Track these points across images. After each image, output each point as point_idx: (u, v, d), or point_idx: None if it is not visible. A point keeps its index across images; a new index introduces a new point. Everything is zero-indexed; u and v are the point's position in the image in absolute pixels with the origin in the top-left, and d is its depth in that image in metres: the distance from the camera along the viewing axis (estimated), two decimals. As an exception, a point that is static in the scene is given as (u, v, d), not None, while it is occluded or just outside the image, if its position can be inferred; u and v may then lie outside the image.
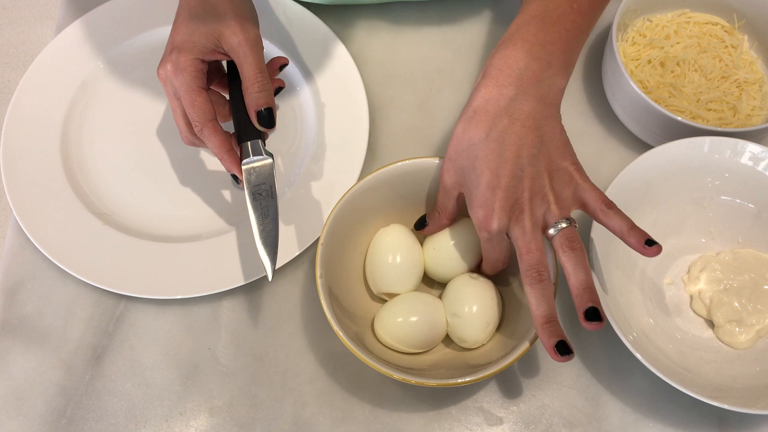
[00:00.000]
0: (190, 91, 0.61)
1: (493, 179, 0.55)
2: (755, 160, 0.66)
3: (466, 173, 0.57)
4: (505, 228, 0.56)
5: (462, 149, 0.57)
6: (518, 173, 0.55)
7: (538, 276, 0.55)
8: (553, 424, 0.63)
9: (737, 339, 0.65)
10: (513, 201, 0.55)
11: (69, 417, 0.63)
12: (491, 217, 0.55)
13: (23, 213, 0.69)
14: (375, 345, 0.62)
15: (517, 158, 0.55)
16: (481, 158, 0.55)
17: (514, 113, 0.56)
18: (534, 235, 0.56)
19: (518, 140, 0.55)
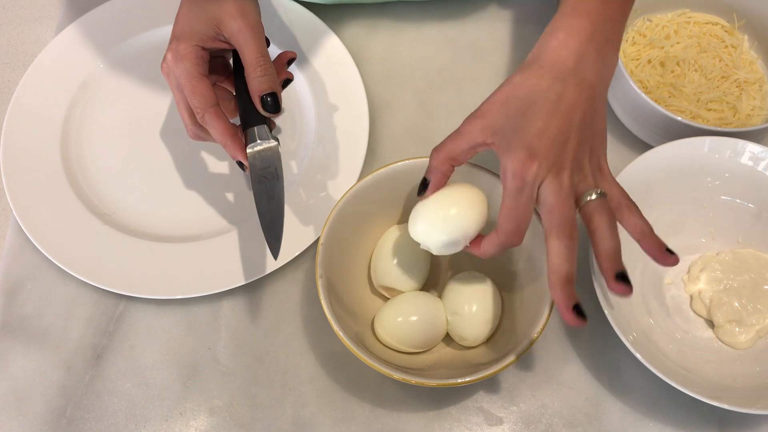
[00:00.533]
0: (190, 78, 0.60)
1: (544, 127, 0.52)
2: (755, 160, 0.66)
3: (509, 118, 0.53)
4: (541, 179, 0.52)
5: (517, 95, 0.54)
6: (567, 133, 0.53)
7: (570, 233, 0.52)
8: (553, 424, 0.63)
9: (737, 339, 0.65)
10: (556, 155, 0.52)
11: (69, 417, 0.63)
12: (532, 160, 0.51)
13: (23, 213, 0.69)
14: (375, 345, 0.62)
15: (571, 120, 0.53)
16: (538, 105, 0.53)
17: (578, 78, 0.54)
18: (570, 194, 0.53)
19: (576, 105, 0.53)
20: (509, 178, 0.52)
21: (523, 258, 0.63)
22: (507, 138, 0.53)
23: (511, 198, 0.52)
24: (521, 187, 0.52)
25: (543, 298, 0.58)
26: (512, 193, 0.52)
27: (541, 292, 0.59)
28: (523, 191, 0.52)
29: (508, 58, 0.80)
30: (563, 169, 0.53)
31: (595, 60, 0.55)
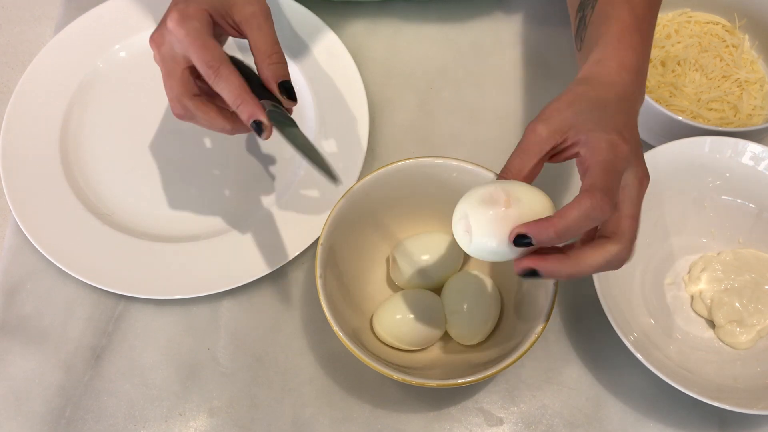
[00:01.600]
0: (200, 35, 0.55)
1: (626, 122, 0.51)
2: (756, 159, 0.66)
3: (581, 114, 0.50)
4: (627, 164, 0.49)
5: (585, 98, 0.51)
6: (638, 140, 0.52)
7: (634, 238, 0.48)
8: (554, 425, 0.63)
9: (738, 339, 0.64)
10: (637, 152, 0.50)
11: (68, 417, 0.63)
12: (625, 143, 0.48)
13: (22, 213, 0.68)
14: (374, 343, 0.62)
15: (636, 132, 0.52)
16: (612, 108, 0.51)
17: (632, 105, 0.54)
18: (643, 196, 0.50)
19: (635, 124, 0.53)
20: (599, 150, 0.48)
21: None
22: (587, 128, 0.49)
23: (607, 162, 0.47)
24: (616, 156, 0.48)
25: (544, 298, 0.58)
26: (607, 158, 0.48)
27: (541, 292, 0.59)
28: (618, 160, 0.48)
29: (508, 58, 0.79)
30: (645, 169, 0.50)
31: (640, 92, 0.55)
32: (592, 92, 0.52)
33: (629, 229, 0.48)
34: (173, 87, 0.57)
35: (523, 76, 0.78)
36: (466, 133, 0.75)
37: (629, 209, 0.48)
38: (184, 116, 0.58)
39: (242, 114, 0.55)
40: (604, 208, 0.45)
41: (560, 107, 0.51)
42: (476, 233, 0.47)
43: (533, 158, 0.50)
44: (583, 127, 0.49)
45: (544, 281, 0.58)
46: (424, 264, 0.64)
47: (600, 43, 0.56)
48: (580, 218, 0.45)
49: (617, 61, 0.54)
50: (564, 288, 0.68)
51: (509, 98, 0.77)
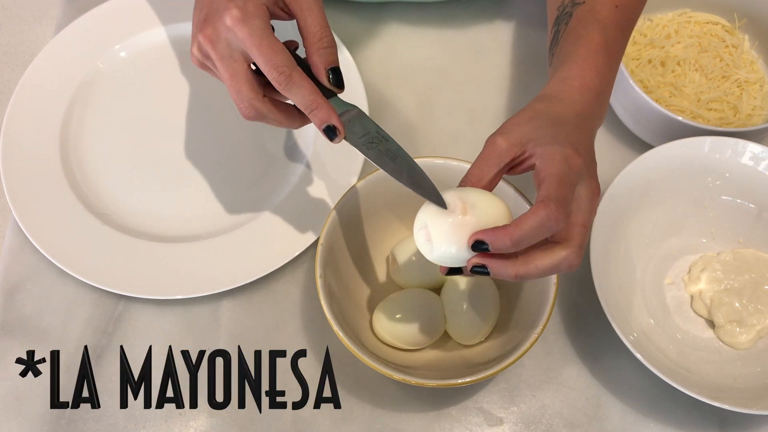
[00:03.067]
0: (265, 36, 0.52)
1: (581, 139, 0.52)
2: (756, 159, 0.66)
3: (540, 129, 0.51)
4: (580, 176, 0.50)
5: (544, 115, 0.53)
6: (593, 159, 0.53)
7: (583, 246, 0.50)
8: (554, 425, 0.63)
9: (738, 339, 0.64)
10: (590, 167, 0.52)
11: (68, 417, 0.63)
12: (579, 156, 0.50)
13: (22, 213, 0.68)
14: (374, 343, 0.62)
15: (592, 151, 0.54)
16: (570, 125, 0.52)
17: (588, 124, 0.55)
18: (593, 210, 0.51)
19: (591, 143, 0.54)
20: (554, 161, 0.49)
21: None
22: (545, 141, 0.51)
23: (560, 174, 0.49)
24: (569, 168, 0.49)
25: (543, 298, 0.58)
26: (562, 170, 0.49)
27: (541, 292, 0.59)
28: (571, 173, 0.49)
29: (508, 58, 0.79)
30: (597, 185, 0.52)
31: (598, 115, 0.57)
32: (552, 109, 0.54)
33: (579, 236, 0.49)
34: (241, 89, 0.54)
35: (521, 77, 0.78)
36: (466, 133, 0.75)
37: (580, 218, 0.50)
38: (255, 118, 0.55)
39: (315, 118, 0.54)
40: (558, 217, 0.47)
41: (520, 121, 0.53)
42: (436, 241, 0.49)
43: (493, 169, 0.51)
44: (540, 141, 0.51)
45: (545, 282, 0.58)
46: (424, 264, 0.64)
47: (567, 61, 0.57)
48: (535, 227, 0.47)
49: (580, 81, 0.56)
50: (564, 288, 0.68)
51: (508, 98, 0.77)
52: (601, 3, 0.60)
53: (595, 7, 0.60)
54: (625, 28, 0.61)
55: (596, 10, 0.60)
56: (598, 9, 0.60)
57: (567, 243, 0.49)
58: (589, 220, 0.50)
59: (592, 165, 0.52)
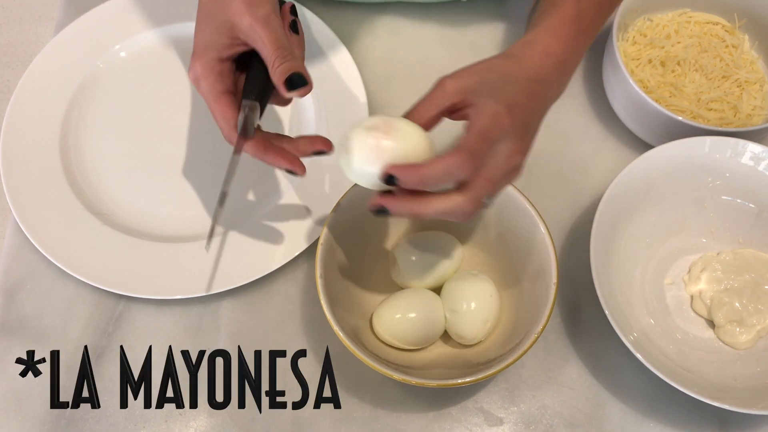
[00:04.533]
0: (208, 99, 0.57)
1: (522, 103, 0.53)
2: (756, 159, 0.66)
3: (486, 84, 0.53)
4: (503, 138, 0.51)
5: (497, 71, 0.54)
6: (532, 124, 0.55)
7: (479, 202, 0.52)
8: (554, 425, 0.63)
9: (738, 339, 0.64)
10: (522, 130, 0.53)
11: (69, 417, 0.63)
12: (509, 116, 0.51)
13: (22, 213, 0.68)
14: (374, 343, 0.62)
15: (534, 117, 0.55)
16: (517, 86, 0.54)
17: (544, 89, 0.56)
18: (512, 172, 0.53)
19: (539, 109, 0.56)
20: (482, 115, 0.51)
21: (524, 258, 0.63)
22: (485, 95, 0.52)
23: (483, 128, 0.51)
24: (495, 125, 0.51)
25: (543, 298, 0.58)
26: (485, 124, 0.51)
27: (541, 292, 0.59)
28: (494, 129, 0.51)
29: (508, 57, 0.79)
30: (521, 148, 0.53)
31: (556, 86, 0.58)
32: (507, 67, 0.55)
33: (479, 188, 0.51)
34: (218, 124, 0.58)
35: (523, 76, 0.78)
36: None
37: (489, 172, 0.51)
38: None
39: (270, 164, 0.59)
40: (465, 167, 0.50)
41: (472, 71, 0.54)
42: (355, 157, 0.51)
43: (434, 109, 0.54)
44: (481, 93, 0.52)
45: (545, 282, 0.58)
46: (424, 264, 0.64)
47: (536, 27, 0.59)
48: (442, 171, 0.50)
49: (543, 46, 0.57)
50: (564, 288, 0.68)
51: (509, 98, 0.77)
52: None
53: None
54: (601, 4, 0.62)
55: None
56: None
57: (465, 191, 0.51)
58: (497, 176, 0.52)
59: (525, 128, 0.54)
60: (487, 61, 0.56)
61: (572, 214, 0.72)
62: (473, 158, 0.50)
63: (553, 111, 0.76)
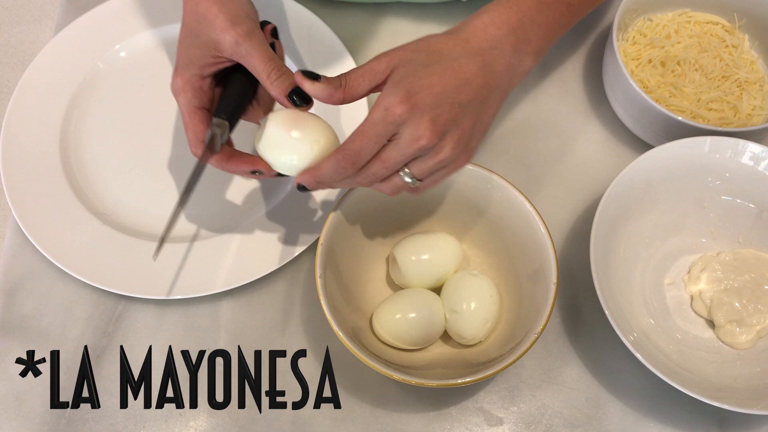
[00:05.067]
0: (184, 115, 0.60)
1: (434, 84, 0.53)
2: (756, 159, 0.66)
3: (411, 63, 0.54)
4: (403, 122, 0.53)
5: (428, 49, 0.55)
6: (450, 103, 0.54)
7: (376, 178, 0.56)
8: (554, 425, 0.63)
9: (738, 339, 0.64)
10: (430, 113, 0.53)
11: (69, 417, 0.63)
12: (405, 104, 0.52)
13: (22, 213, 0.68)
14: (374, 343, 0.62)
15: (459, 93, 0.54)
16: (441, 65, 0.54)
17: (485, 62, 0.56)
18: (412, 153, 0.54)
19: (470, 83, 0.55)
20: (377, 108, 0.53)
21: (524, 258, 0.63)
22: (400, 76, 0.54)
23: (369, 123, 0.53)
24: (383, 120, 0.53)
25: (543, 298, 0.58)
26: (373, 119, 0.53)
27: (541, 292, 0.59)
28: (381, 123, 0.53)
29: (508, 57, 0.79)
30: (426, 131, 0.53)
31: (510, 54, 0.57)
32: (440, 44, 0.56)
33: (373, 165, 0.54)
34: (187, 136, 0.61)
35: (522, 76, 0.78)
36: (466, 133, 0.75)
37: (385, 154, 0.54)
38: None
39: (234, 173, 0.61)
40: (345, 166, 0.54)
41: (406, 49, 0.55)
42: (263, 146, 0.57)
43: (367, 85, 0.55)
44: (396, 76, 0.54)
45: (545, 282, 0.58)
46: (424, 264, 0.64)
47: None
48: (330, 172, 0.55)
49: (491, 15, 0.57)
50: (564, 288, 0.68)
51: (509, 98, 0.77)
52: None
53: None
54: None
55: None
56: None
57: (360, 171, 0.55)
58: (394, 158, 0.54)
59: (434, 109, 0.53)
60: (425, 38, 0.56)
61: (572, 214, 0.72)
62: (349, 156, 0.54)
63: (553, 111, 0.77)
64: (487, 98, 0.56)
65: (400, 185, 0.56)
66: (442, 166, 0.55)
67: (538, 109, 0.77)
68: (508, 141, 0.75)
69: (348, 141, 0.54)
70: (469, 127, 0.55)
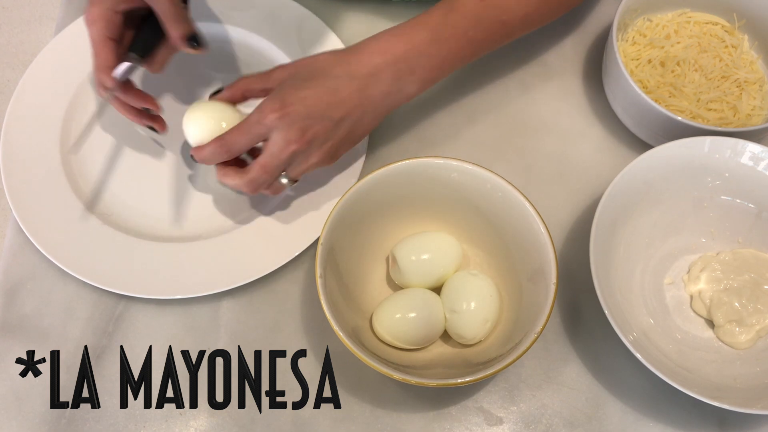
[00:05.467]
0: (95, 43, 0.63)
1: (309, 97, 0.60)
2: (755, 159, 0.66)
3: (297, 77, 0.62)
4: (273, 128, 0.60)
5: (315, 66, 0.63)
6: (320, 118, 0.61)
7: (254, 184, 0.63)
8: (554, 425, 0.63)
9: (737, 339, 0.64)
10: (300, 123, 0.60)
11: (69, 417, 0.63)
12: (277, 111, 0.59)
13: (23, 213, 0.69)
14: (374, 342, 0.62)
15: (331, 110, 0.61)
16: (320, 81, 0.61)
17: (361, 86, 0.62)
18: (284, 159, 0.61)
19: (344, 104, 0.61)
20: (256, 110, 0.61)
21: (524, 258, 0.63)
22: (282, 87, 0.62)
23: (246, 122, 0.61)
24: (257, 122, 0.60)
25: (543, 298, 0.58)
26: (250, 120, 0.61)
27: (541, 292, 0.59)
28: (256, 126, 0.61)
29: (507, 58, 0.79)
30: (296, 139, 0.60)
31: (389, 82, 0.63)
32: (327, 62, 0.63)
33: (252, 171, 0.62)
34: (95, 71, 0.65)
35: (522, 76, 0.79)
36: (465, 133, 0.76)
37: (262, 159, 0.61)
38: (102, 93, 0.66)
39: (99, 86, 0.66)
40: (222, 153, 0.62)
41: (298, 64, 0.64)
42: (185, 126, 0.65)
43: (259, 87, 0.64)
44: (281, 86, 0.62)
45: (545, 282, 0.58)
46: (424, 263, 0.64)
47: (393, 28, 0.64)
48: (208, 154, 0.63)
49: (380, 43, 0.63)
50: (564, 288, 0.68)
51: (509, 98, 0.77)
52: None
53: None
54: (480, 18, 0.65)
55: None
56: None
57: (241, 174, 0.63)
58: (270, 162, 0.61)
59: (307, 120, 0.60)
60: (315, 56, 0.64)
61: (572, 214, 0.72)
62: (224, 144, 0.62)
63: (553, 111, 0.77)
64: (361, 118, 0.63)
65: (277, 186, 0.64)
66: (312, 168, 0.63)
67: (538, 109, 0.77)
68: (508, 141, 0.75)
69: (227, 132, 0.62)
70: (340, 139, 0.63)
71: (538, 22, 0.70)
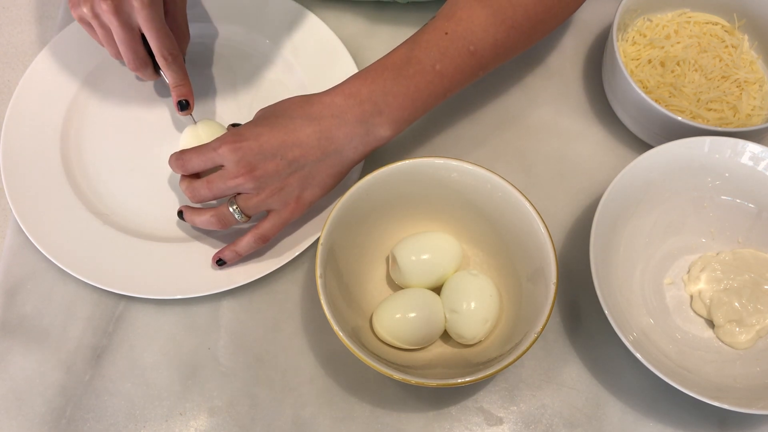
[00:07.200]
0: (160, 23, 0.65)
1: (264, 134, 0.62)
2: (755, 159, 0.66)
3: (266, 114, 0.64)
4: (223, 160, 0.62)
5: (284, 106, 0.64)
6: (274, 156, 0.62)
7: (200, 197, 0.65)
8: (553, 425, 0.63)
9: (737, 339, 0.65)
10: (252, 158, 0.62)
11: (69, 417, 0.63)
12: (230, 144, 0.62)
13: (23, 213, 0.69)
14: (374, 342, 0.62)
15: (287, 150, 0.62)
16: (281, 120, 0.62)
17: (322, 128, 0.62)
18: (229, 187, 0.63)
19: (301, 144, 0.62)
20: (215, 140, 0.63)
21: (524, 258, 0.63)
22: (246, 123, 0.64)
23: (204, 146, 0.64)
24: (212, 149, 0.63)
25: (543, 298, 0.58)
26: (209, 145, 0.63)
27: (541, 292, 0.59)
28: (210, 152, 0.63)
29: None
30: (243, 172, 0.62)
31: (353, 123, 0.62)
32: (288, 105, 0.64)
33: (198, 180, 0.64)
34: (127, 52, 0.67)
35: (522, 76, 0.79)
36: (466, 133, 0.76)
37: (213, 179, 0.63)
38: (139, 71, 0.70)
39: (176, 92, 0.69)
40: (178, 166, 0.65)
41: (274, 105, 0.65)
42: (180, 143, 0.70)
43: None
44: (249, 122, 0.65)
45: (545, 282, 0.58)
46: (424, 263, 0.64)
47: (361, 71, 0.64)
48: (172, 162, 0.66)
49: (344, 87, 0.63)
50: (564, 288, 0.68)
51: (509, 98, 0.77)
52: (433, 26, 0.64)
53: (427, 25, 0.64)
54: (446, 50, 0.63)
55: (423, 30, 0.64)
56: (425, 29, 0.64)
57: (189, 180, 0.65)
58: (217, 184, 0.63)
59: (258, 158, 0.62)
60: (289, 98, 0.65)
61: (572, 214, 0.72)
62: (179, 159, 0.65)
63: (554, 111, 0.77)
64: (322, 160, 0.62)
65: (227, 215, 0.64)
66: (267, 208, 0.64)
67: (538, 109, 0.77)
68: (508, 141, 0.75)
69: (186, 149, 0.65)
70: (296, 181, 0.62)
71: (513, 50, 0.67)
